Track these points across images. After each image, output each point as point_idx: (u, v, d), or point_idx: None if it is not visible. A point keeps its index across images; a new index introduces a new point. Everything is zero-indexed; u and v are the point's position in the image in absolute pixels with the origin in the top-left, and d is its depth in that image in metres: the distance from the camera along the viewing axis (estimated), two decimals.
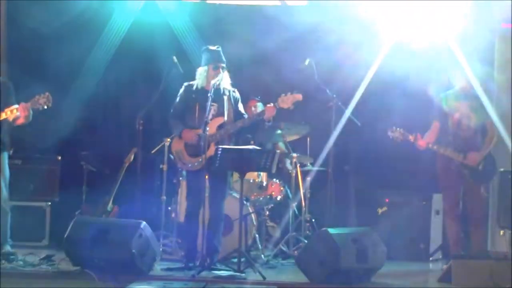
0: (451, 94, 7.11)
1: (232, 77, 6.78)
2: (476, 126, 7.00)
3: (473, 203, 7.02)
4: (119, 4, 8.94)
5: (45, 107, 6.44)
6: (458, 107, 7.03)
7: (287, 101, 6.45)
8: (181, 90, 6.78)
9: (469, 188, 7.00)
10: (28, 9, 8.75)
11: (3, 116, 6.51)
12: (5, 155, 6.73)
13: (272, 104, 6.49)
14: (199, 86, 6.67)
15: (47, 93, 6.43)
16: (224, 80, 6.66)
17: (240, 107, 6.77)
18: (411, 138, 6.99)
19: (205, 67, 6.67)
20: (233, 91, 6.74)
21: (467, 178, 6.94)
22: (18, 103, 6.51)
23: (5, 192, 6.69)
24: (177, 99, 6.78)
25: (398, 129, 7.02)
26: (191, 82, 6.75)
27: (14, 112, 6.46)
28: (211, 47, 6.70)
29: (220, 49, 6.71)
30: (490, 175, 7.06)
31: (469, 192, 7.02)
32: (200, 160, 6.48)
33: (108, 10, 8.90)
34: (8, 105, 6.57)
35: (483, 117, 7.03)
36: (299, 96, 6.47)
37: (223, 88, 6.66)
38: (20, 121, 6.58)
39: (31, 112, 6.48)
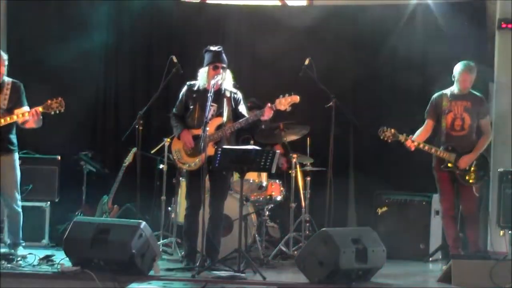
0: (447, 93, 7.10)
1: (232, 78, 6.78)
2: (470, 127, 7.00)
3: (466, 203, 7.04)
4: (119, 4, 8.95)
5: (57, 111, 6.52)
6: (452, 106, 7.02)
7: (284, 102, 6.46)
8: (183, 90, 6.79)
9: (462, 189, 7.02)
10: (28, 9, 8.75)
11: (14, 118, 6.57)
12: (16, 156, 6.80)
13: (269, 106, 6.50)
14: (200, 87, 6.68)
15: (60, 98, 6.54)
16: (226, 81, 6.67)
17: (242, 108, 6.76)
18: (401, 138, 6.97)
19: (206, 68, 6.67)
20: (235, 93, 6.75)
21: (458, 179, 6.96)
22: (30, 105, 6.59)
23: (16, 193, 6.76)
24: (179, 98, 6.79)
25: (388, 129, 6.99)
26: (193, 82, 6.76)
27: (25, 116, 6.54)
28: (212, 48, 6.70)
29: (221, 49, 6.70)
30: (481, 176, 7.05)
31: (462, 192, 7.04)
32: (198, 160, 6.50)
33: (108, 10, 8.90)
34: (19, 106, 6.65)
35: (478, 118, 7.02)
36: (296, 98, 6.48)
37: (224, 89, 6.67)
38: (30, 125, 6.66)
39: (41, 117, 6.56)
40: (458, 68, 7.04)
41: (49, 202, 8.02)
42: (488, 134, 7.10)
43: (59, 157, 8.17)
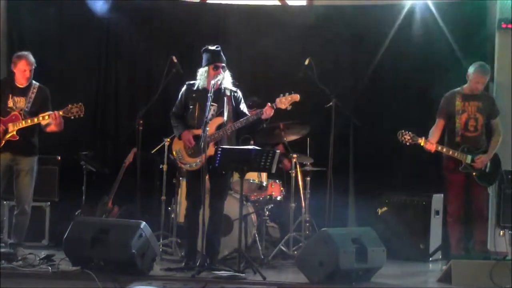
0: (459, 93, 7.04)
1: (232, 76, 6.78)
2: (482, 127, 6.98)
3: (480, 203, 7.02)
4: (119, 4, 8.94)
5: (77, 116, 6.62)
6: (466, 107, 6.99)
7: (284, 101, 6.47)
8: (183, 89, 6.79)
9: (475, 189, 6.99)
10: (28, 9, 8.74)
11: (35, 121, 6.65)
12: (36, 159, 6.90)
13: (269, 105, 6.51)
14: (200, 87, 6.68)
15: (80, 103, 6.67)
16: (225, 80, 6.67)
17: (243, 107, 6.76)
18: (420, 141, 6.91)
19: (206, 68, 6.67)
20: (235, 92, 6.75)
21: (474, 179, 6.93)
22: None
23: (30, 195, 6.86)
24: (178, 98, 6.79)
25: (407, 132, 6.93)
26: (192, 82, 6.75)
27: (46, 119, 6.65)
28: (211, 47, 6.70)
29: (219, 49, 6.71)
30: (496, 176, 7.07)
31: (476, 192, 7.00)
32: (199, 160, 6.50)
33: (108, 10, 8.89)
34: (44, 110, 6.73)
35: (490, 118, 7.01)
36: (296, 97, 6.49)
37: (224, 88, 6.67)
38: (51, 128, 6.78)
39: (62, 120, 6.67)
40: (472, 68, 7.01)
41: (49, 202, 8.03)
42: (499, 133, 7.09)
43: (59, 157, 8.18)
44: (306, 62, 7.31)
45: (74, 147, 8.40)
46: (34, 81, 6.88)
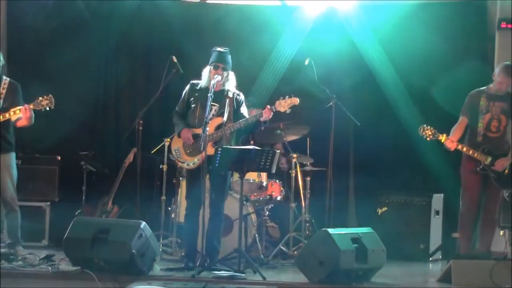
0: (484, 93, 6.94)
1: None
2: (504, 128, 6.90)
3: (493, 206, 6.97)
4: (119, 4, 8.95)
5: (47, 108, 6.52)
6: (490, 107, 6.90)
7: (284, 104, 6.51)
8: (186, 88, 6.81)
9: (490, 191, 6.92)
10: (28, 9, 8.75)
11: (6, 116, 6.57)
12: (13, 155, 6.79)
13: (269, 107, 6.52)
14: (203, 86, 6.70)
15: (50, 95, 6.53)
16: (229, 82, 6.69)
17: (243, 110, 6.77)
18: (441, 137, 6.83)
19: (208, 68, 6.70)
20: (238, 94, 6.76)
21: (492, 181, 6.87)
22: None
23: (13, 192, 6.74)
24: (182, 96, 6.81)
25: (429, 127, 6.84)
26: (196, 81, 6.76)
27: (17, 113, 6.54)
28: (218, 48, 6.72)
29: (226, 50, 6.70)
30: None
31: (490, 194, 6.94)
32: (196, 159, 6.51)
33: (107, 10, 8.90)
34: (15, 106, 6.63)
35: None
36: (295, 100, 6.52)
37: (227, 90, 6.68)
38: (22, 123, 6.66)
39: (32, 114, 6.55)
40: (497, 68, 6.93)
41: (49, 202, 8.03)
42: None
43: (59, 157, 8.18)
44: (306, 62, 7.32)
45: (74, 147, 8.40)
46: (5, 77, 6.74)
